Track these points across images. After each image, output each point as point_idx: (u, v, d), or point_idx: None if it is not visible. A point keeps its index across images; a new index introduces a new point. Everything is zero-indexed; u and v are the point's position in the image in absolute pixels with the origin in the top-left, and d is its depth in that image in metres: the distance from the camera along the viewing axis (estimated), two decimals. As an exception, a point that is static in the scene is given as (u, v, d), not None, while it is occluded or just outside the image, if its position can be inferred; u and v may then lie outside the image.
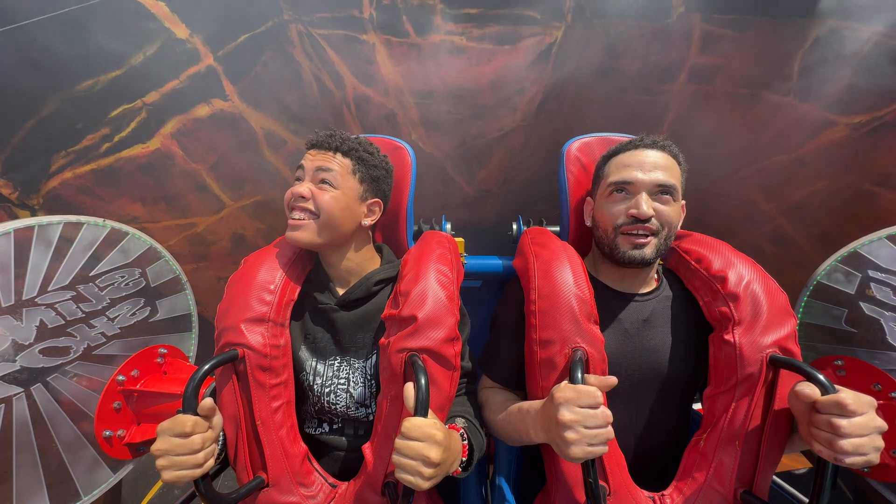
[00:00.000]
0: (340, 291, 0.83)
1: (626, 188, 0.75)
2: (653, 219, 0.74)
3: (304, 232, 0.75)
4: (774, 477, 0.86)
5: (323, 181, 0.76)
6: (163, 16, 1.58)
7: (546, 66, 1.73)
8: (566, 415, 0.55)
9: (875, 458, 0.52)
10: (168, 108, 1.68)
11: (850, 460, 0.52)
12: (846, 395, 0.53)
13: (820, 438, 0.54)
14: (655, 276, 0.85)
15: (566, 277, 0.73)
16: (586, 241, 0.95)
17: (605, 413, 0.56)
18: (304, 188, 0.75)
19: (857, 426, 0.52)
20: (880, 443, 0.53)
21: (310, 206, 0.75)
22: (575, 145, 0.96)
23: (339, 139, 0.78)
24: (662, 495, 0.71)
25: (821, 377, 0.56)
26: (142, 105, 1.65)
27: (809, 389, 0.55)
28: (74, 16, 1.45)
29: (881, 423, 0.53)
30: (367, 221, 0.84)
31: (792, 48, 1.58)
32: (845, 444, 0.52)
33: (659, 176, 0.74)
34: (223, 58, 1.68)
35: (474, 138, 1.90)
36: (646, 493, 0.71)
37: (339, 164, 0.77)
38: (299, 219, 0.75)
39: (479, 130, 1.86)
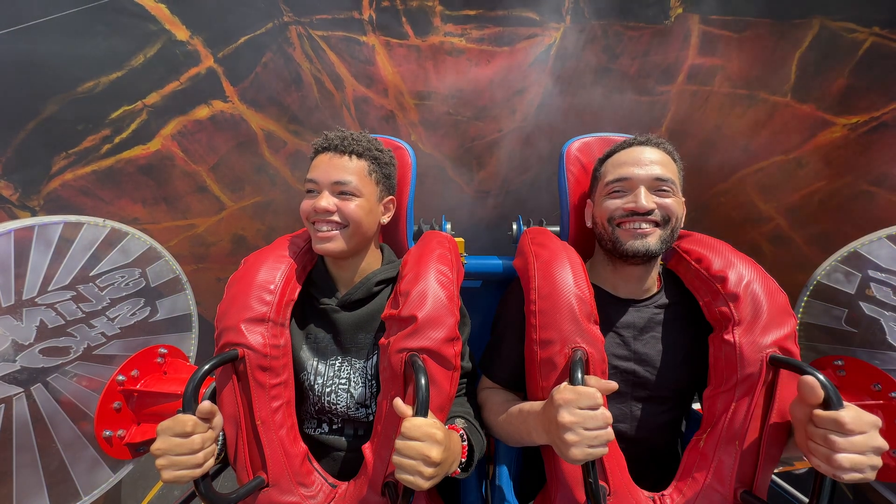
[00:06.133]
0: (342, 291, 0.82)
1: (623, 185, 0.75)
2: (655, 211, 0.73)
3: (335, 243, 0.75)
4: (774, 477, 0.86)
5: (343, 193, 0.75)
6: (163, 17, 1.58)
7: (545, 66, 1.74)
8: (566, 416, 0.55)
9: (870, 476, 0.52)
10: (168, 109, 1.68)
11: (847, 477, 0.51)
12: (846, 413, 0.52)
13: (817, 453, 0.54)
14: (657, 278, 0.85)
15: (566, 277, 0.73)
16: (586, 241, 0.95)
17: (604, 414, 0.56)
18: (327, 202, 0.73)
19: (854, 445, 0.51)
20: (877, 462, 0.52)
21: (336, 218, 0.75)
22: (574, 145, 0.96)
23: (353, 140, 0.77)
24: (662, 495, 0.71)
25: (821, 377, 0.55)
26: (142, 106, 1.65)
27: (812, 382, 0.54)
28: (75, 18, 1.45)
29: (881, 444, 0.52)
30: (385, 220, 0.84)
31: (789, 49, 1.58)
32: (843, 460, 0.51)
33: (656, 170, 0.73)
34: (223, 59, 1.68)
35: (474, 139, 1.90)
36: (646, 493, 0.71)
37: (355, 170, 0.76)
38: (327, 230, 0.75)
39: (479, 131, 1.87)
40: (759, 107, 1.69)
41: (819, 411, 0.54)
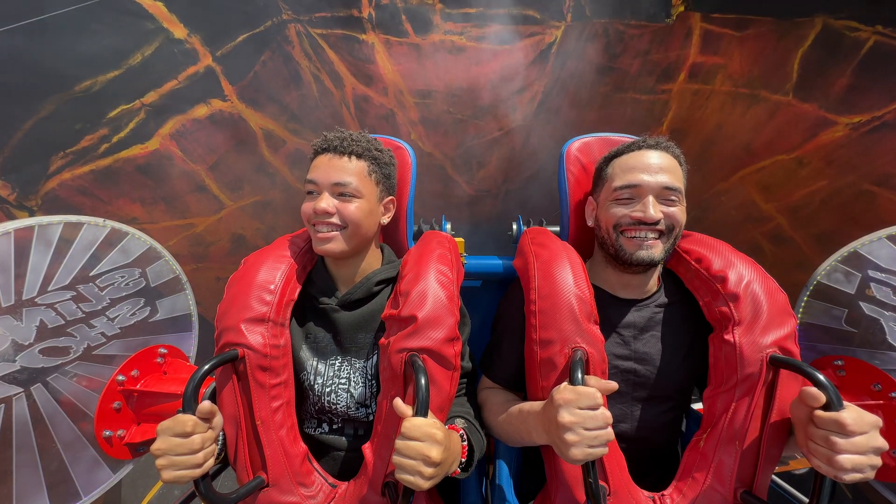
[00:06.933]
0: (342, 291, 0.82)
1: (632, 192, 0.75)
2: (661, 221, 0.73)
3: (335, 244, 0.75)
4: (774, 477, 0.86)
5: (342, 194, 0.75)
6: (161, 16, 1.59)
7: (546, 65, 1.75)
8: (566, 416, 0.55)
9: (870, 475, 0.52)
10: (167, 108, 1.69)
11: (848, 477, 0.52)
12: (848, 415, 0.52)
13: (818, 454, 0.54)
14: (657, 280, 0.85)
15: (566, 277, 0.73)
16: (587, 241, 0.95)
17: (604, 414, 0.56)
18: (326, 204, 0.73)
19: (855, 446, 0.51)
20: (877, 461, 0.52)
21: (335, 220, 0.75)
22: (574, 145, 0.96)
23: (352, 141, 0.76)
24: (662, 495, 0.71)
25: (820, 377, 0.56)
26: (140, 105, 1.65)
27: (815, 392, 0.55)
28: (73, 16, 1.45)
29: (882, 444, 0.52)
30: (385, 220, 0.84)
31: (791, 48, 1.59)
32: (844, 461, 0.51)
33: (665, 179, 0.73)
34: (222, 58, 1.69)
35: (474, 138, 1.91)
36: (646, 493, 0.71)
37: (355, 171, 0.76)
38: (327, 231, 0.75)
39: (479, 130, 1.88)
40: (760, 106, 1.70)
41: (820, 412, 0.54)
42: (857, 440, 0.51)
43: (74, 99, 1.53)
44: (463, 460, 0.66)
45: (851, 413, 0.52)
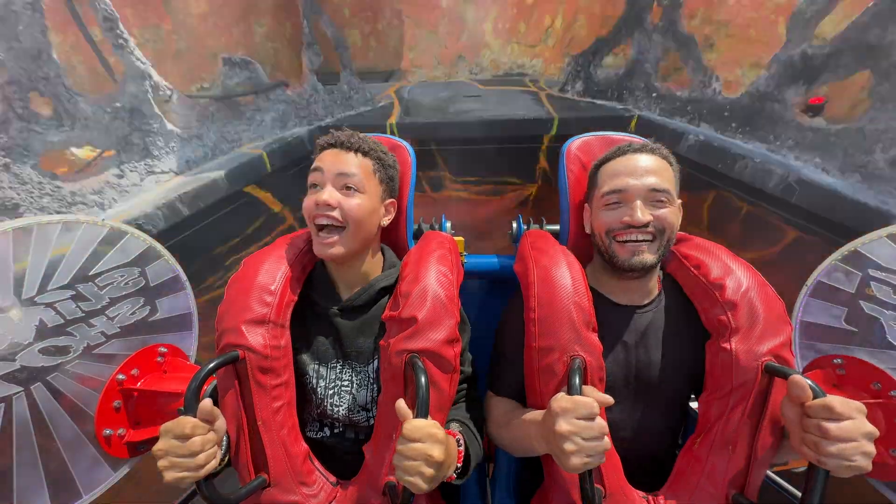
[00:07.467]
0: (342, 294, 0.78)
1: (619, 197, 0.71)
2: (651, 224, 0.69)
3: (337, 248, 0.70)
4: (769, 472, 0.72)
5: (346, 186, 0.70)
6: (268, 201, 2.31)
7: (526, 207, 2.44)
8: (563, 426, 0.53)
9: (864, 464, 0.50)
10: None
11: (833, 463, 0.49)
12: (834, 399, 0.52)
13: (808, 442, 0.53)
14: (657, 280, 0.80)
15: (565, 285, 0.70)
16: (587, 242, 0.88)
17: (600, 425, 0.53)
18: (329, 195, 0.68)
19: (844, 430, 0.50)
20: (870, 448, 0.49)
21: (336, 214, 0.69)
22: (575, 144, 0.90)
23: (359, 139, 0.73)
24: (656, 495, 0.64)
25: (812, 384, 0.56)
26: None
27: (802, 390, 0.55)
28: (223, 209, 2.14)
29: (871, 429, 0.50)
30: (385, 222, 0.79)
31: (700, 203, 2.17)
32: (831, 448, 0.50)
33: (652, 181, 0.69)
34: (299, 217, 2.41)
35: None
36: (640, 493, 0.64)
37: (360, 166, 0.72)
38: (328, 237, 0.70)
39: (479, 250, 2.48)
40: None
41: (811, 402, 0.53)
42: (845, 425, 0.49)
43: (208, 258, 2.04)
44: (459, 465, 0.64)
45: (837, 398, 0.52)
